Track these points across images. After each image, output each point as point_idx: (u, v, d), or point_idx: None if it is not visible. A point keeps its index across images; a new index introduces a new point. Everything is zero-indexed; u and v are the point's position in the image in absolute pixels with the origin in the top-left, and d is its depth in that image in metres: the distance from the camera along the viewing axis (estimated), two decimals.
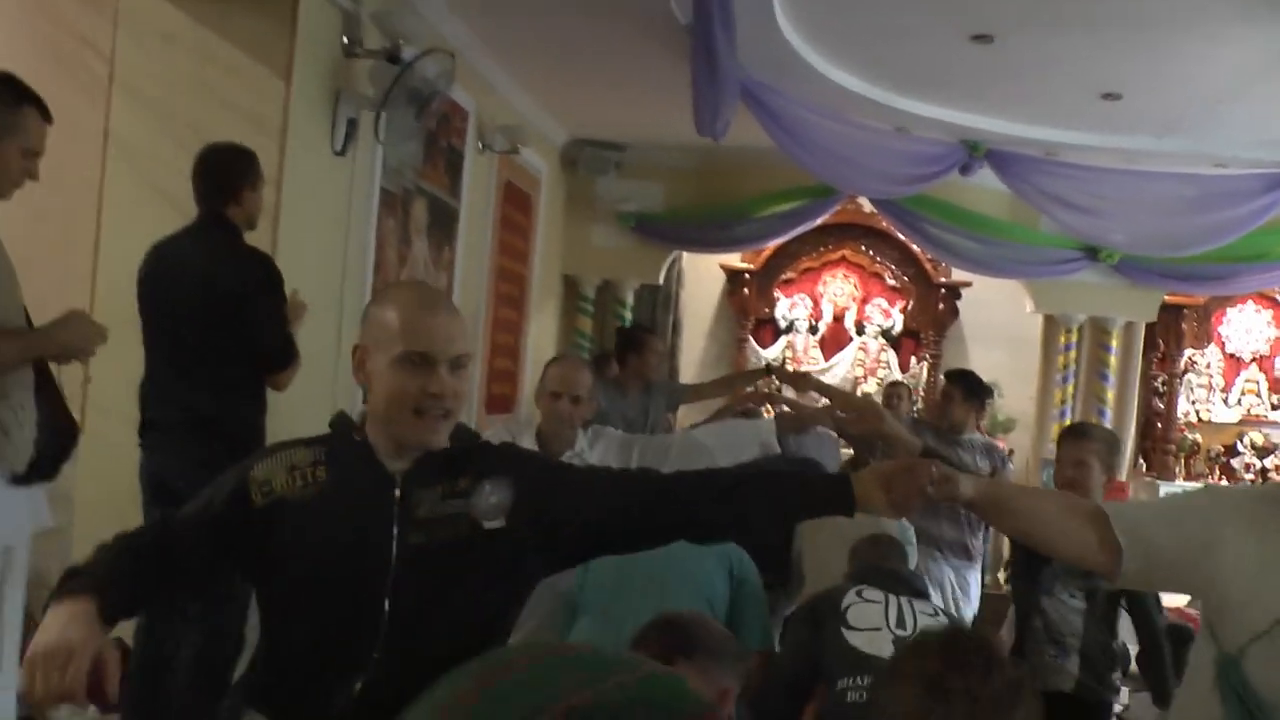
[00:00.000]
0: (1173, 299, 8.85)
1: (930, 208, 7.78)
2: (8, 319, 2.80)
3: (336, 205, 4.68)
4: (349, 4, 4.56)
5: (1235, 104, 6.14)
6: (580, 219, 8.58)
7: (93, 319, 3.02)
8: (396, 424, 1.91)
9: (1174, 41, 5.32)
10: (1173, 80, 5.89)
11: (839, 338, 9.53)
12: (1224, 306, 9.24)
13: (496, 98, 6.61)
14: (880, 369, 9.41)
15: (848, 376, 9.41)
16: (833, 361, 9.47)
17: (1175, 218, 7.50)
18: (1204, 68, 5.66)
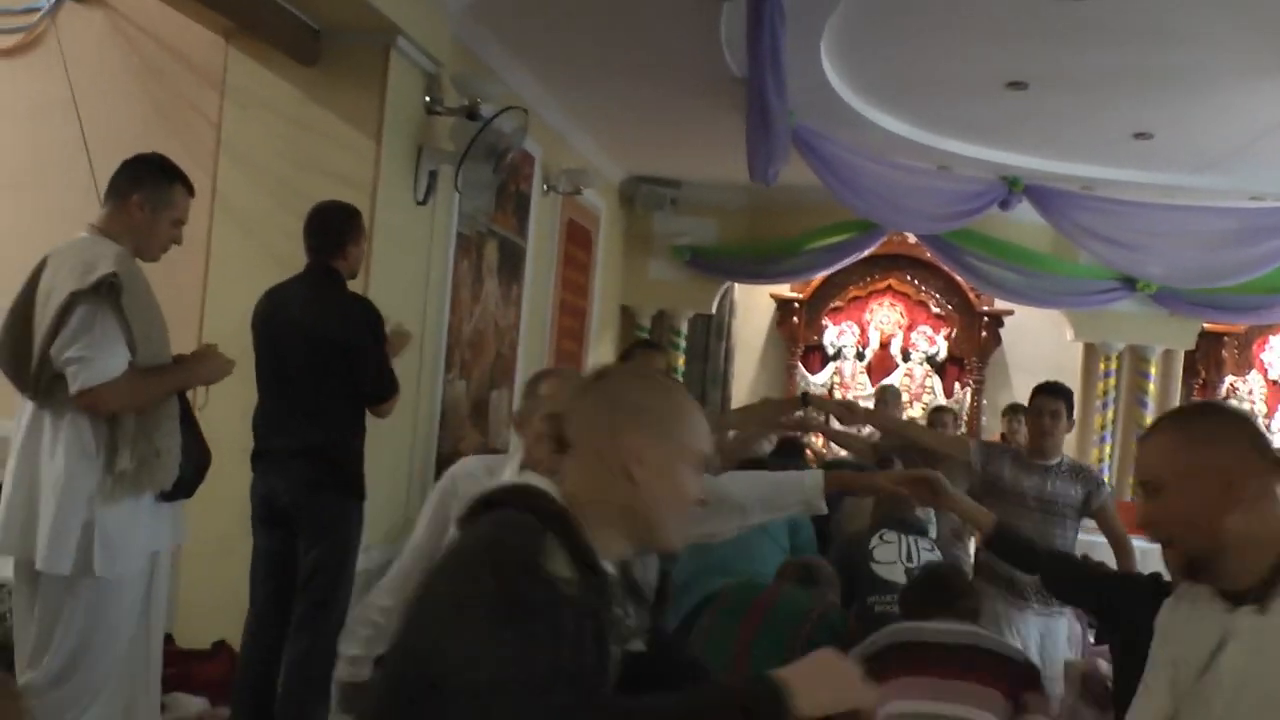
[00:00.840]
0: (1213, 327, 9.04)
1: (972, 241, 8.08)
2: (162, 356, 3.21)
3: (419, 251, 5.06)
4: (431, 66, 4.95)
5: (1269, 141, 6.37)
6: (637, 253, 8.97)
7: (222, 353, 3.43)
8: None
9: (1202, 87, 5.58)
10: (1203, 122, 6.15)
11: (885, 364, 9.81)
12: (1266, 334, 9.39)
13: (561, 143, 7.00)
14: (925, 394, 9.68)
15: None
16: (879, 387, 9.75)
17: (1213, 250, 7.69)
18: (1234, 111, 5.91)
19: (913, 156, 6.90)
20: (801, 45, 4.99)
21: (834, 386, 9.72)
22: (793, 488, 2.70)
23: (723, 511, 2.57)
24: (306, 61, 4.61)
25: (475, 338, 5.78)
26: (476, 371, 5.83)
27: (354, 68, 4.61)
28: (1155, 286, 8.28)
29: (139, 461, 3.16)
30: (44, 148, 4.92)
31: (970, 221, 7.46)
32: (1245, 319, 8.70)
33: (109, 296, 3.06)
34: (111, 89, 4.89)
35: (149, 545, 3.27)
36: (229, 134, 4.72)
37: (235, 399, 3.87)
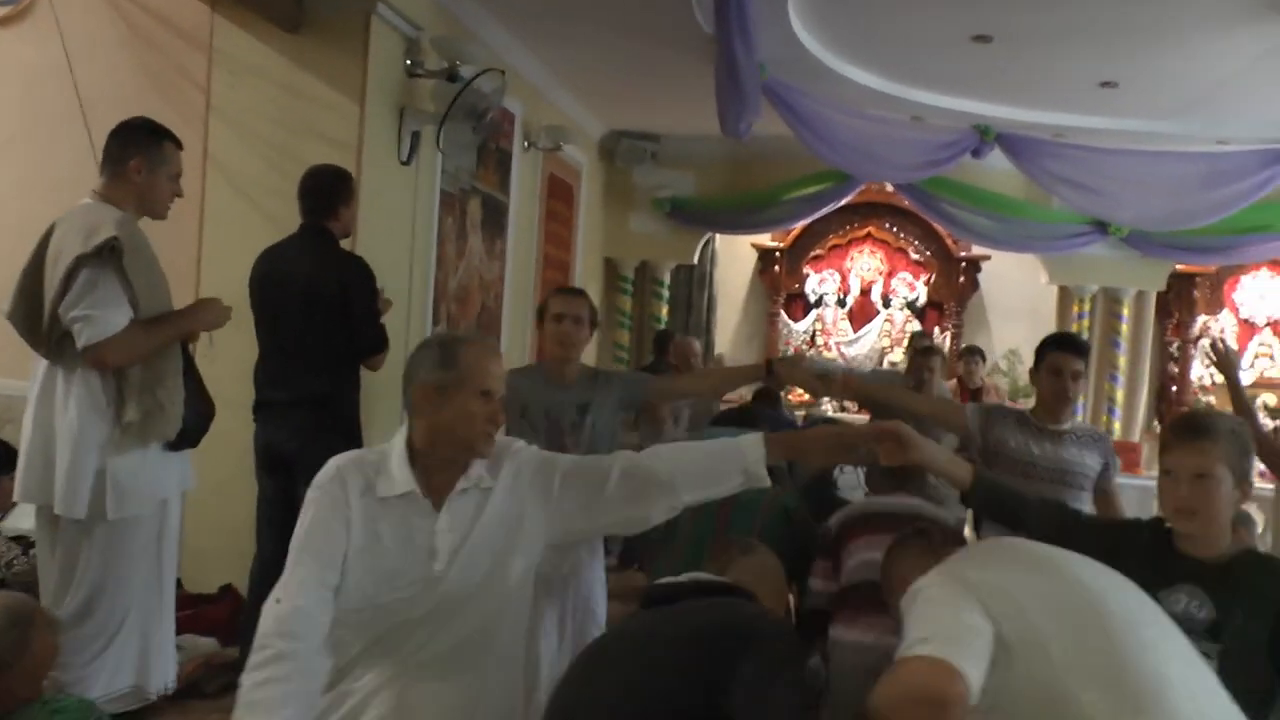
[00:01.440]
0: (1185, 268, 9.28)
1: (947, 189, 8.30)
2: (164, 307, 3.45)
3: (403, 209, 5.26)
4: (411, 30, 5.13)
5: (1233, 89, 6.56)
6: (618, 206, 9.18)
7: (219, 301, 3.66)
8: None
9: (1167, 37, 5.77)
10: (1168, 71, 6.34)
11: (866, 310, 10.05)
12: (1237, 274, 9.61)
13: (540, 100, 7.17)
14: (905, 339, 9.91)
15: (875, 347, 9.93)
16: (861, 333, 10.01)
17: (1181, 195, 7.89)
18: (1198, 60, 6.10)
19: (885, 109, 7.09)
20: (770, 2, 5.17)
21: (816, 333, 9.97)
22: (729, 458, 2.41)
23: (649, 493, 2.34)
24: (290, 28, 4.79)
25: (461, 292, 5.99)
26: (463, 324, 6.04)
27: (337, 34, 4.79)
28: (1126, 230, 8.51)
29: (144, 413, 3.40)
30: (39, 114, 5.10)
31: (943, 170, 7.66)
32: (1215, 260, 8.93)
33: (111, 259, 3.28)
34: (103, 56, 5.07)
35: (158, 491, 3.52)
36: (218, 99, 4.90)
37: (234, 354, 4.10)
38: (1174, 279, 9.35)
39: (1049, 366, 3.73)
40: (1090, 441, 3.77)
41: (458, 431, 2.28)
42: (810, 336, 9.95)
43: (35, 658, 2.69)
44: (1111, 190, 7.87)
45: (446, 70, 5.14)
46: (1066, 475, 3.68)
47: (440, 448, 2.30)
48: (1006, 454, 3.69)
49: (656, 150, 8.88)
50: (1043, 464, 3.68)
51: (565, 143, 7.23)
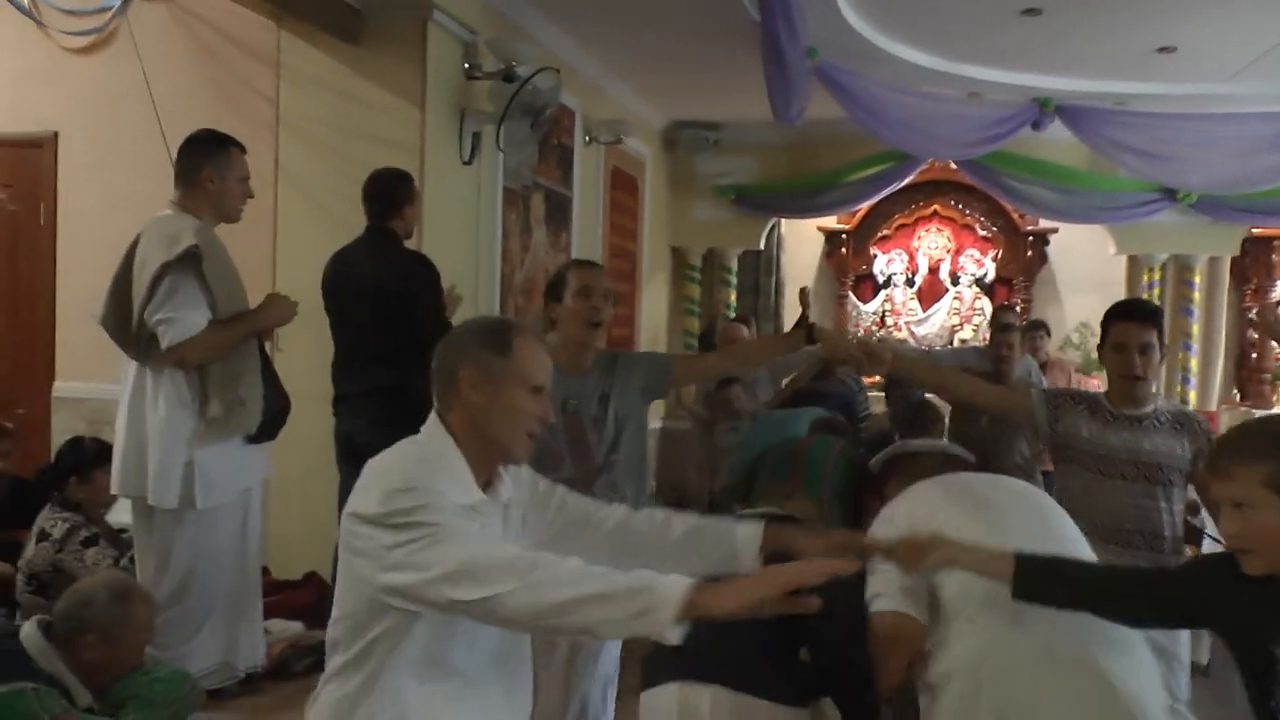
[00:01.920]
0: (1261, 232, 9.13)
1: (1009, 163, 8.29)
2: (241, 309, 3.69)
3: (467, 207, 5.47)
4: (467, 35, 5.33)
5: None
6: (683, 195, 9.32)
7: (287, 297, 3.88)
8: None
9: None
10: (1224, 31, 6.30)
11: (935, 289, 10.02)
12: None
13: (599, 95, 7.34)
14: (976, 316, 9.89)
15: (945, 325, 9.92)
16: (931, 311, 9.98)
17: (1249, 156, 7.80)
18: (1254, 19, 6.06)
19: (941, 86, 7.13)
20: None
21: (885, 314, 9.98)
22: (717, 539, 2.26)
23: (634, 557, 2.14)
24: (351, 39, 5.01)
25: (527, 285, 6.18)
26: (529, 316, 6.22)
27: (395, 42, 5.01)
28: (1195, 196, 8.41)
29: (227, 408, 3.65)
30: (123, 133, 5.41)
31: (1003, 144, 7.66)
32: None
33: (192, 265, 3.53)
34: (177, 75, 5.36)
35: (241, 482, 3.77)
36: (286, 110, 5.15)
37: (309, 352, 4.34)
38: (1250, 243, 9.21)
39: (1112, 342, 3.28)
40: (1175, 426, 3.24)
41: (500, 427, 2.08)
42: (880, 317, 9.97)
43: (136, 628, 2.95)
44: (1177, 155, 7.81)
45: (503, 71, 5.32)
46: (1150, 469, 3.21)
47: (471, 443, 2.08)
48: (1079, 446, 3.29)
49: (718, 138, 8.99)
50: (1122, 456, 3.23)
51: (626, 136, 7.38)
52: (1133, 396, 3.24)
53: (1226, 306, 9.33)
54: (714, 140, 8.98)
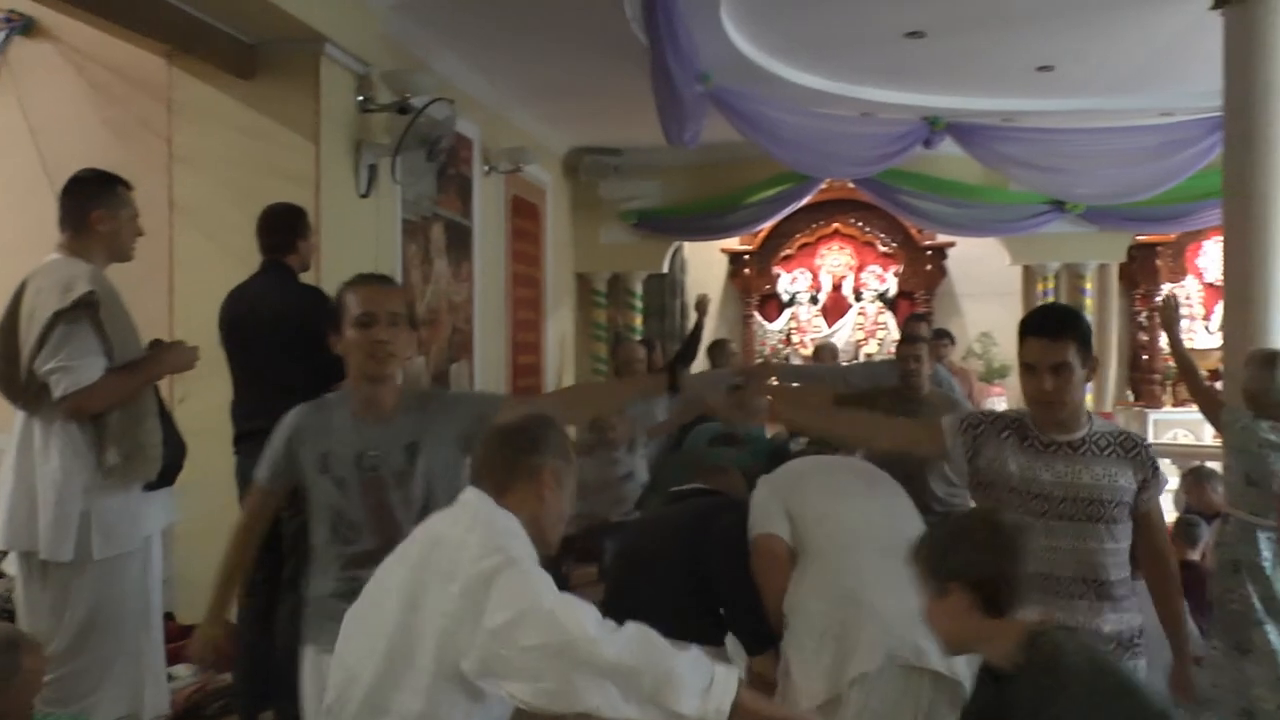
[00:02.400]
0: (1146, 239, 9.48)
1: (905, 180, 8.54)
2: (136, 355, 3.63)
3: (366, 239, 5.44)
4: (361, 67, 5.32)
5: (1164, 63, 6.80)
6: (586, 220, 9.40)
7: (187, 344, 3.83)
8: None
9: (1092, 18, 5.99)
10: (1099, 50, 6.57)
11: (839, 305, 10.24)
12: (1199, 240, 9.79)
13: (499, 123, 7.37)
14: (880, 330, 10.10)
15: (851, 340, 10.11)
16: (835, 327, 10.19)
17: (1132, 166, 8.13)
18: (1126, 38, 6.33)
19: (834, 107, 7.30)
20: (702, 14, 5.37)
21: (791, 332, 10.15)
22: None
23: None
24: (244, 74, 4.98)
25: (430, 315, 6.17)
26: (435, 347, 6.23)
27: (288, 76, 4.99)
28: (1083, 206, 8.74)
29: (125, 456, 3.57)
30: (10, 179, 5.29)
31: (897, 162, 7.88)
32: (1171, 227, 9.15)
33: (87, 312, 3.46)
34: (67, 115, 5.27)
35: (142, 529, 3.69)
36: (180, 147, 5.09)
37: (211, 392, 4.28)
38: (1136, 249, 9.56)
39: (1022, 362, 2.75)
40: (1121, 451, 2.73)
41: (553, 529, 2.22)
42: (786, 335, 10.14)
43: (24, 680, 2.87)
44: (1064, 168, 8.11)
45: (398, 103, 5.32)
46: (1091, 506, 2.70)
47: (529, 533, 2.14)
48: (1005, 484, 2.75)
49: (620, 163, 9.08)
50: (1056, 494, 2.70)
51: (526, 163, 7.41)
52: (1055, 421, 2.71)
53: (1117, 311, 9.66)
54: (616, 165, 9.07)
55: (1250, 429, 4.26)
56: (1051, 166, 8.10)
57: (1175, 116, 7.89)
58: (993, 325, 9.63)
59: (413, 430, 2.72)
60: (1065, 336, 2.65)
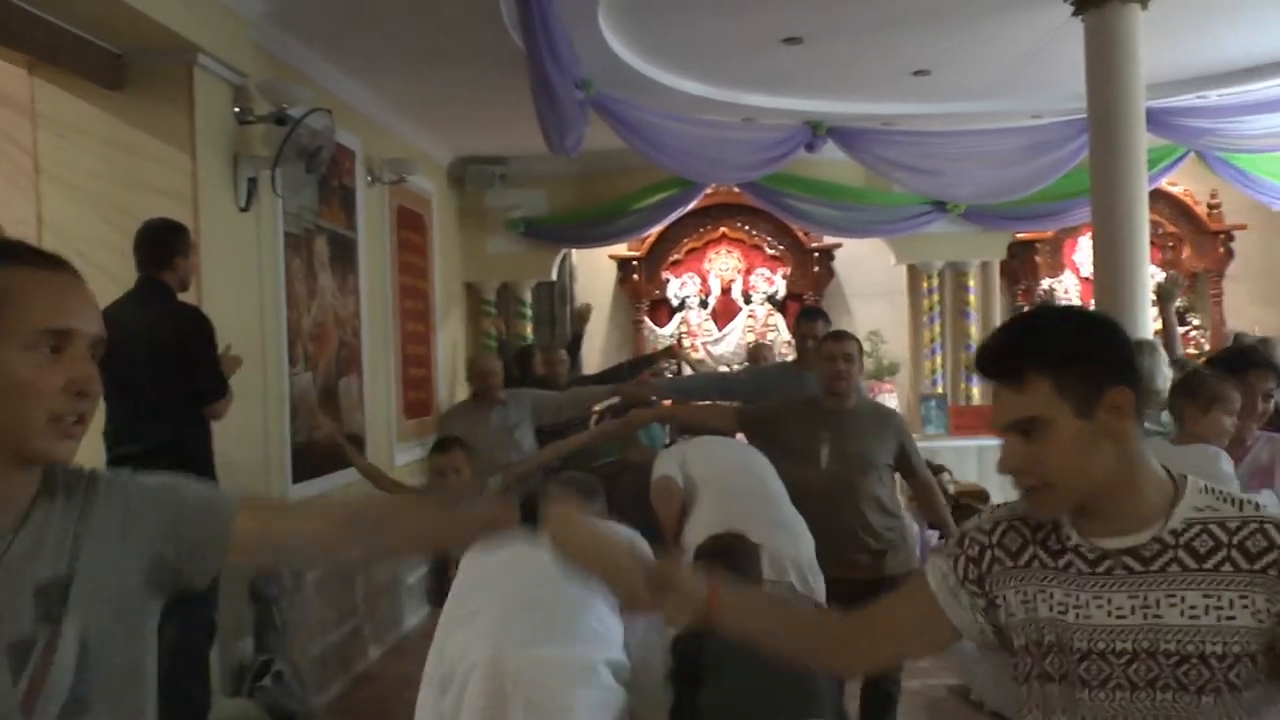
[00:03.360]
0: (1025, 236, 9.83)
1: (789, 184, 8.73)
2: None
3: (247, 254, 5.39)
4: (236, 78, 5.26)
5: (1033, 68, 7.05)
6: (473, 230, 9.41)
7: None
8: None
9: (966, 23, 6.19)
10: (973, 54, 6.79)
11: (729, 309, 10.39)
12: (1074, 236, 10.14)
13: (381, 134, 7.34)
14: (770, 332, 10.28)
15: (742, 343, 10.27)
16: (726, 331, 10.33)
17: (1007, 167, 8.45)
18: (995, 43, 6.55)
19: (717, 113, 7.44)
20: (580, 23, 5.45)
21: (682, 336, 10.27)
22: None
23: None
24: (112, 86, 4.88)
25: (316, 330, 6.13)
26: (322, 362, 6.18)
27: (160, 87, 4.90)
28: (963, 206, 9.04)
29: None
30: None
31: (780, 166, 8.06)
32: (1048, 225, 9.50)
33: None
34: None
35: None
36: (47, 161, 4.97)
37: None
38: (1016, 247, 9.90)
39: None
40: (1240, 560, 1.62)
41: None
42: (677, 340, 10.26)
43: None
44: (943, 170, 8.39)
45: (275, 114, 5.28)
46: (1184, 666, 1.60)
47: None
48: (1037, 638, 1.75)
49: (505, 172, 9.11)
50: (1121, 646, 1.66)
51: (409, 174, 7.39)
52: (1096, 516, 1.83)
53: (1000, 307, 9.98)
54: (500, 174, 9.10)
55: None
56: (930, 169, 8.38)
57: (1045, 119, 8.21)
58: (881, 324, 9.89)
59: (63, 553, 1.48)
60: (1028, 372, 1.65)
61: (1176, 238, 9.94)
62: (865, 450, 4.35)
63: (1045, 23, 6.04)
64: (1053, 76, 7.19)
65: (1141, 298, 5.37)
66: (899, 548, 4.38)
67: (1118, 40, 5.40)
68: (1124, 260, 5.35)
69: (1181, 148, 8.54)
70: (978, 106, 8.00)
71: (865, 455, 4.35)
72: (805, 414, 4.44)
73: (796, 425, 4.41)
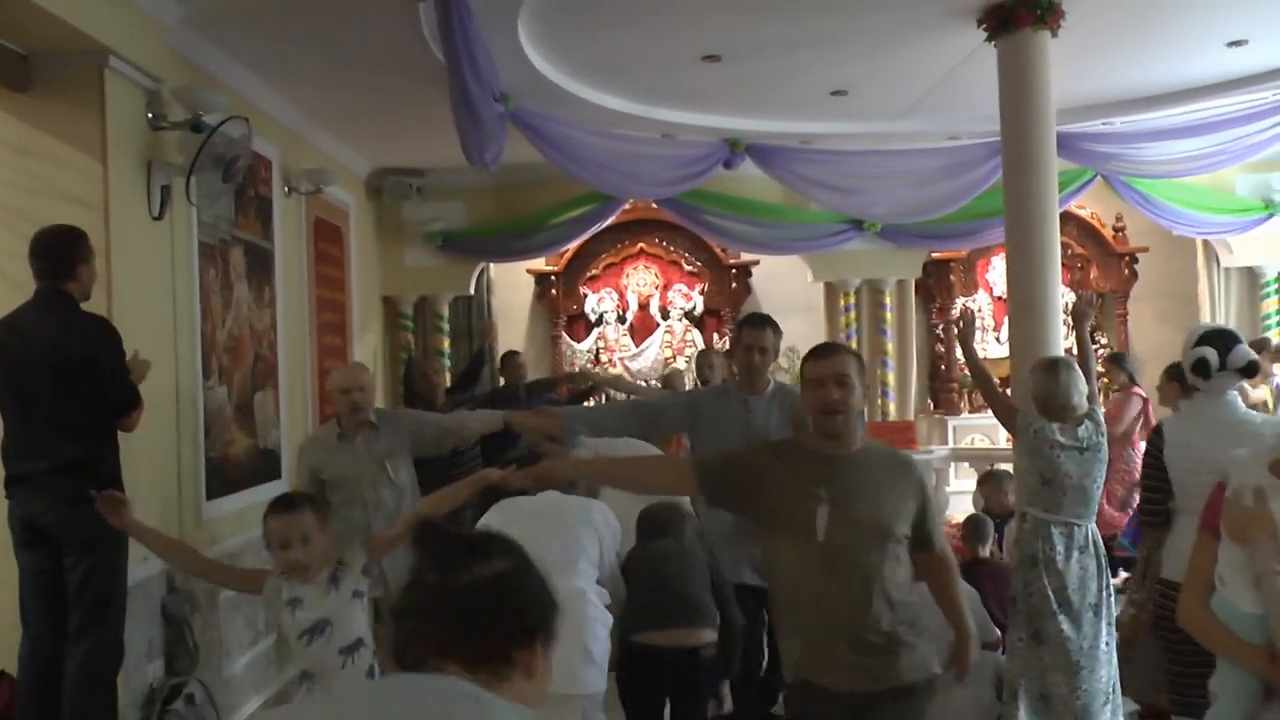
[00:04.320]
0: (940, 255, 10.04)
1: (708, 200, 8.83)
2: None
3: (160, 265, 5.28)
4: (150, 82, 5.16)
5: (948, 90, 7.21)
6: (391, 243, 9.36)
7: None
8: None
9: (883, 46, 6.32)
10: (887, 76, 6.93)
11: (647, 324, 10.44)
12: (988, 256, 10.38)
13: (299, 143, 7.26)
14: (688, 348, 10.34)
15: (659, 358, 10.33)
16: (644, 346, 10.38)
17: (923, 187, 8.61)
18: (911, 65, 6.70)
19: (636, 128, 7.49)
20: (500, 36, 5.46)
21: (600, 351, 10.30)
22: None
23: None
24: (17, 88, 4.74)
25: (231, 343, 6.03)
26: (238, 376, 6.08)
27: (69, 90, 4.77)
28: (880, 225, 9.21)
29: None
30: None
31: (699, 182, 8.14)
32: (962, 244, 9.71)
33: None
34: None
35: None
36: None
37: None
38: (931, 265, 10.10)
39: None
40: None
41: None
42: (594, 355, 10.28)
43: None
44: (860, 188, 8.53)
45: (190, 120, 5.18)
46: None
47: None
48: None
49: (423, 184, 9.07)
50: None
51: (327, 184, 7.32)
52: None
53: (916, 324, 10.17)
54: (419, 186, 9.05)
55: (1042, 432, 4.56)
56: (848, 187, 8.52)
57: (960, 140, 8.39)
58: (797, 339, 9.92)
59: None
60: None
61: (1084, 259, 10.23)
62: (878, 514, 3.11)
63: (960, 47, 6.18)
64: (968, 99, 7.36)
65: (1053, 316, 5.51)
66: (915, 647, 3.15)
67: (1029, 66, 5.54)
68: (1036, 280, 5.48)
69: (1090, 171, 8.78)
70: (895, 127, 8.15)
71: (878, 521, 3.10)
72: (791, 464, 3.15)
73: (781, 480, 3.13)
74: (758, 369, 4.64)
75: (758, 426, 4.53)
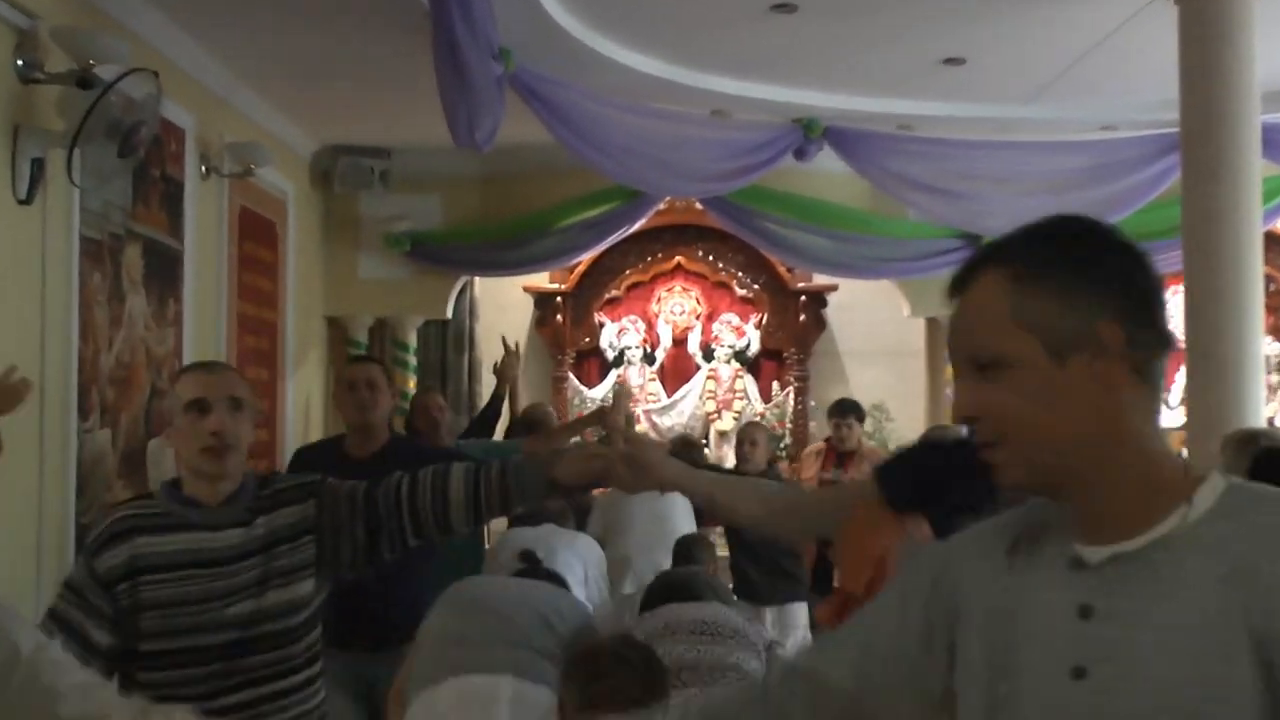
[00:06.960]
0: None
1: (769, 202, 8.69)
2: None
3: (26, 264, 5.20)
4: (22, 19, 5.10)
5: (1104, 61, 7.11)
6: (342, 246, 9.30)
7: None
8: None
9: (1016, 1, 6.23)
10: (1020, 41, 6.83)
11: (682, 366, 10.31)
12: None
13: (223, 110, 7.21)
14: (737, 400, 10.18)
15: (698, 413, 10.16)
16: (678, 396, 10.24)
17: (1063, 193, 8.44)
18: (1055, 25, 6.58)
19: (678, 101, 7.39)
20: None
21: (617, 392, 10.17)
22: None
23: None
24: None
25: (120, 371, 5.94)
26: (126, 415, 5.99)
27: None
28: None
29: None
30: None
31: (759, 176, 8.01)
32: None
33: None
34: None
35: None
36: None
37: None
38: None
39: None
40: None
41: None
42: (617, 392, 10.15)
43: None
44: (975, 192, 8.40)
45: (77, 73, 5.11)
46: None
47: None
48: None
49: (387, 169, 8.95)
50: None
51: (259, 165, 7.26)
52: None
53: None
54: (382, 171, 8.94)
55: None
56: (959, 190, 8.40)
57: (1118, 132, 8.27)
58: (887, 395, 9.83)
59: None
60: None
61: None
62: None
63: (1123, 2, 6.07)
64: (1130, 75, 7.30)
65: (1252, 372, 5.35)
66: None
67: (1224, 30, 5.42)
68: (1228, 324, 5.33)
69: None
70: (1026, 111, 8.05)
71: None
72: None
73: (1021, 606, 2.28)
74: None
75: None
